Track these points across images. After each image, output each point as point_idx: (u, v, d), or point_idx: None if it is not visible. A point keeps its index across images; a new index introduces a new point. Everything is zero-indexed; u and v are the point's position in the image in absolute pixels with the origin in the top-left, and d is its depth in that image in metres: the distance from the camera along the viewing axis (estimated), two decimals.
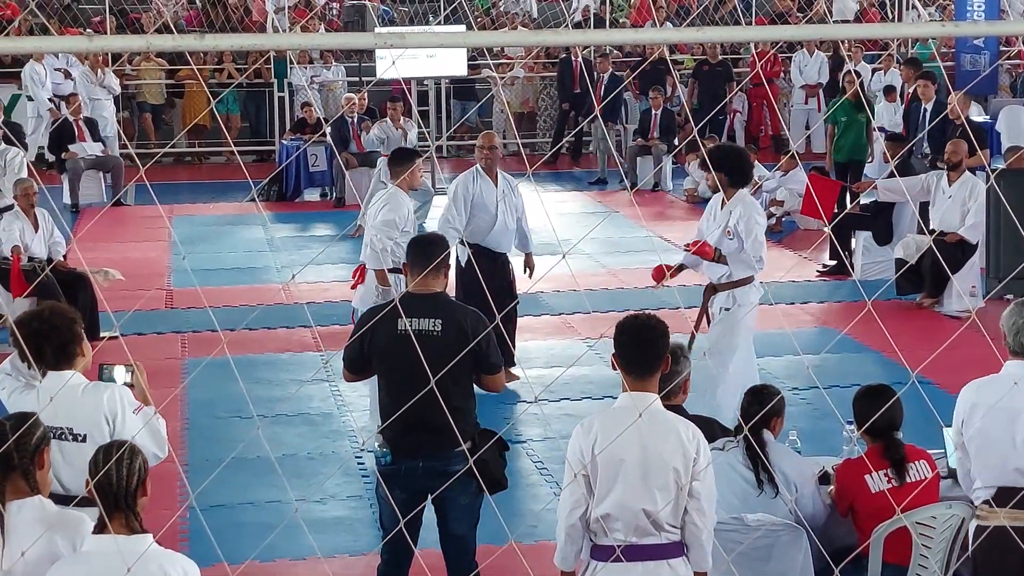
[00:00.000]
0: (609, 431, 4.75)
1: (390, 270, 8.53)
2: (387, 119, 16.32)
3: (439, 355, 5.27)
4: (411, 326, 5.63)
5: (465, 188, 9.33)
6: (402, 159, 9.18)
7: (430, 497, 5.73)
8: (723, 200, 8.28)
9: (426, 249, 5.87)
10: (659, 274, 8.34)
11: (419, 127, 17.41)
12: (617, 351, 4.82)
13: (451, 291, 10.18)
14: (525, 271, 9.79)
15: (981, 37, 19.53)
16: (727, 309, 8.32)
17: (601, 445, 4.74)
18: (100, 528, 4.17)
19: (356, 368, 5.98)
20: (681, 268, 8.55)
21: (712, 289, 8.42)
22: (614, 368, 4.89)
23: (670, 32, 2.94)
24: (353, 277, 8.91)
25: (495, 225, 9.36)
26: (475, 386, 5.92)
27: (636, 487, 4.74)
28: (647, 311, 5.01)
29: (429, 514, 5.90)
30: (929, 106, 14.05)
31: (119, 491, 4.18)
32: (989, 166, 12.15)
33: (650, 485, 4.74)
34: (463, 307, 5.84)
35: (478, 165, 9.52)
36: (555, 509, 4.95)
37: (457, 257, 9.30)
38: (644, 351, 4.76)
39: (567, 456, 4.85)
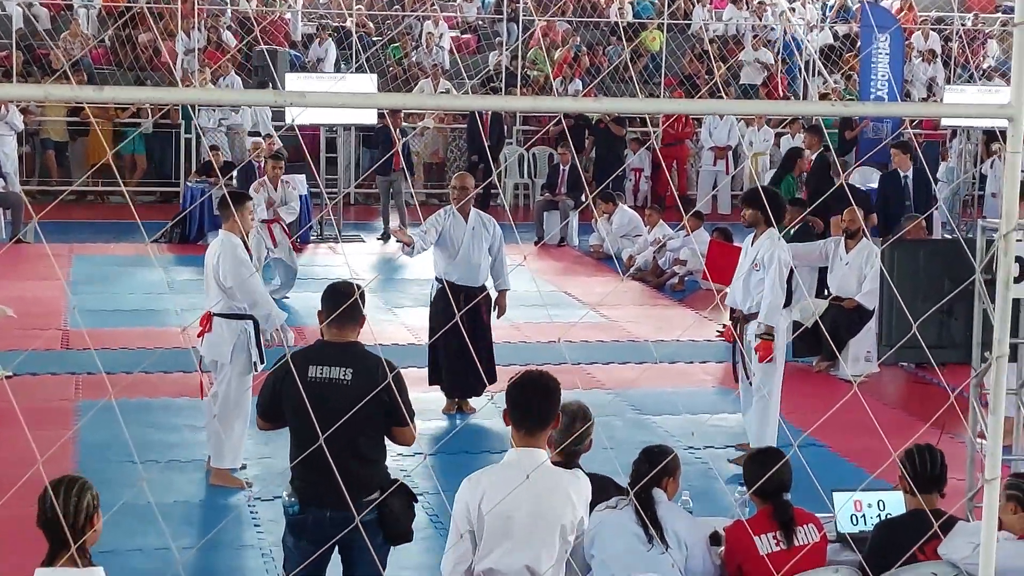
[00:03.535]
0: (497, 487, 4.77)
1: (223, 315, 8.47)
2: (266, 178, 14.38)
3: (348, 404, 5.25)
4: (321, 374, 5.59)
5: (436, 218, 10.13)
6: (229, 202, 8.81)
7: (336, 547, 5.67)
8: (754, 237, 9.05)
9: (340, 298, 5.77)
10: (729, 337, 9.37)
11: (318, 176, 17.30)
12: (508, 406, 4.85)
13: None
14: (494, 309, 10.31)
15: (870, 116, 20.01)
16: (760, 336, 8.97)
17: (489, 501, 4.76)
18: (49, 562, 4.12)
19: (269, 416, 5.86)
20: (733, 314, 9.29)
21: (744, 319, 9.06)
22: (506, 423, 4.93)
23: (566, 101, 2.98)
24: (201, 325, 8.68)
25: (457, 258, 10.05)
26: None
27: (521, 544, 4.77)
28: (539, 367, 5.04)
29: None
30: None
31: (68, 527, 4.13)
32: (872, 230, 12.44)
33: (535, 542, 4.77)
34: (376, 358, 5.73)
35: (451, 203, 10.22)
36: None
37: (431, 289, 10.33)
38: (535, 407, 4.78)
39: (453, 511, 4.86)
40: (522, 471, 4.80)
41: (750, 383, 9.05)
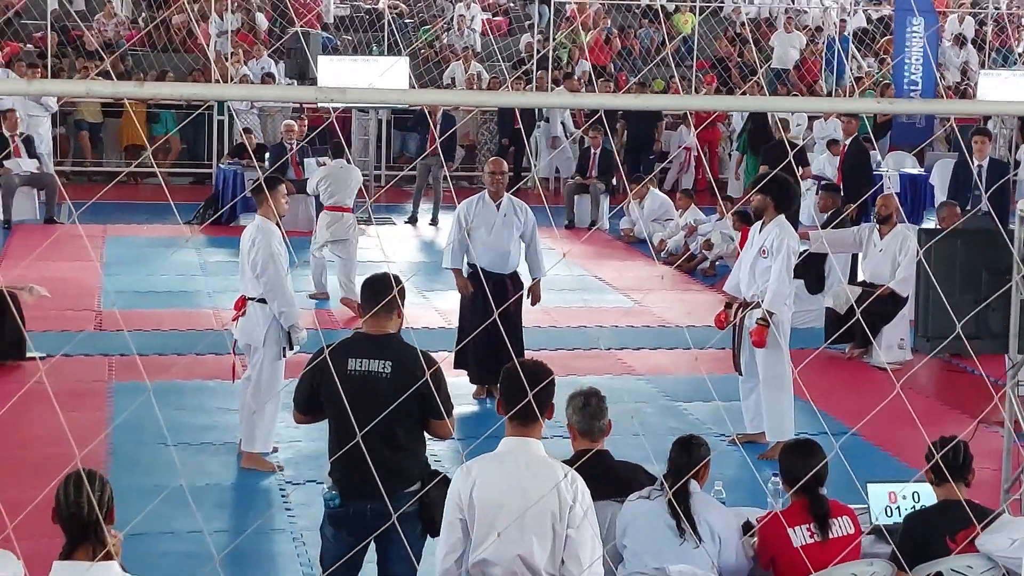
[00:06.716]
0: (488, 476, 4.79)
1: (257, 300, 8.43)
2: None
3: (387, 398, 5.22)
4: (360, 367, 5.57)
5: (465, 209, 10.08)
6: (264, 187, 8.54)
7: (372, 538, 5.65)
8: (762, 224, 8.88)
9: (380, 290, 5.71)
10: (721, 323, 9.11)
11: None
12: (501, 395, 4.86)
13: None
14: (527, 296, 10.23)
15: (917, 114, 19.83)
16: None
17: (480, 489, 4.78)
18: (67, 555, 4.12)
19: (307, 409, 5.81)
20: (730, 305, 9.15)
21: (745, 305, 8.95)
22: (499, 412, 4.94)
23: (606, 97, 2.95)
24: (235, 309, 8.65)
25: (487, 244, 10.02)
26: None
27: (513, 533, 4.77)
28: (534, 359, 5.04)
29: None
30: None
31: (87, 521, 4.13)
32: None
33: (527, 531, 4.77)
34: (416, 351, 5.67)
35: (486, 189, 10.23)
36: None
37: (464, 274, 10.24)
38: (526, 396, 4.76)
39: (447, 500, 4.87)
40: (514, 460, 4.81)
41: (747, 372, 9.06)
